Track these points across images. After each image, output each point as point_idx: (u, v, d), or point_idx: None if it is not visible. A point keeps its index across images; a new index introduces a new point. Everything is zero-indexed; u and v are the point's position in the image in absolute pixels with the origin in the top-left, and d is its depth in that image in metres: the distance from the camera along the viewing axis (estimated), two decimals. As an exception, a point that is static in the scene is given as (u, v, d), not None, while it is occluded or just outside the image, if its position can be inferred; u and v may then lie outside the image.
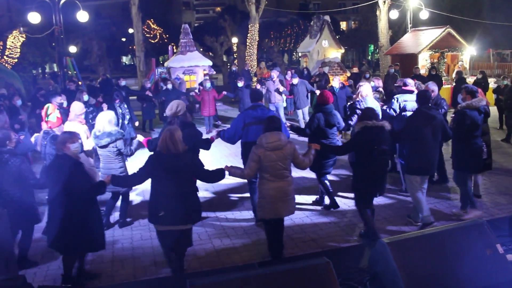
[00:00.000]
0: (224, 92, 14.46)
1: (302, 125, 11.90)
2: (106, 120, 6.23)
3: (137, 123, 12.08)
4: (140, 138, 6.36)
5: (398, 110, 7.43)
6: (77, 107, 7.02)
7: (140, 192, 8.03)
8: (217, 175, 4.99)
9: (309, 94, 14.06)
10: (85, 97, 9.89)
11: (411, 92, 7.56)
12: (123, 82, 14.98)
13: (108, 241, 5.62)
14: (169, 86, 14.03)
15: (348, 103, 10.08)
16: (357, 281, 3.50)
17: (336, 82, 11.83)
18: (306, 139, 7.06)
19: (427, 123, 5.85)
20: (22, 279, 3.18)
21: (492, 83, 16.74)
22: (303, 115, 13.47)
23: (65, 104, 9.18)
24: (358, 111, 7.12)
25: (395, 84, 8.91)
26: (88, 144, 6.55)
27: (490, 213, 6.68)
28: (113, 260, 5.61)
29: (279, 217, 5.22)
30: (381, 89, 9.53)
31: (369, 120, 5.49)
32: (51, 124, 6.82)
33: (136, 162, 7.96)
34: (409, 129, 5.93)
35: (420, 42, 19.35)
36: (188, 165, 4.68)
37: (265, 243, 5.51)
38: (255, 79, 23.01)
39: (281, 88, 13.35)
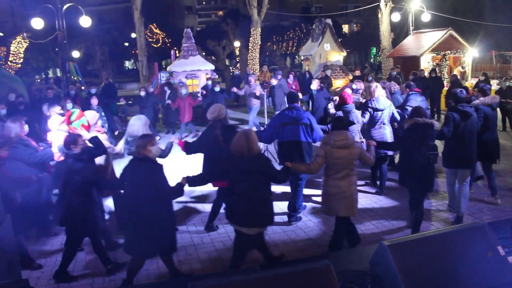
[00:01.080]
0: (200, 98, 14.11)
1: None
2: (141, 124, 6.23)
3: (116, 132, 11.97)
4: (175, 141, 6.35)
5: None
6: (90, 116, 6.72)
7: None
8: (285, 174, 5.06)
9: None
10: (69, 105, 9.57)
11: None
12: (93, 90, 14.21)
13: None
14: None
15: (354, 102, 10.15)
16: (358, 284, 3.49)
17: (314, 84, 12.01)
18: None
19: (465, 120, 6.28)
20: (25, 283, 3.20)
21: (494, 85, 16.72)
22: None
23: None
24: (370, 110, 7.60)
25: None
26: (118, 149, 6.60)
27: (493, 215, 6.67)
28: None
29: (339, 215, 5.30)
30: (362, 91, 9.71)
31: (420, 117, 5.72)
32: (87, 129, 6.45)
33: (170, 164, 7.65)
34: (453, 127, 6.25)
35: (422, 44, 19.38)
36: (262, 166, 4.73)
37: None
38: (258, 82, 23.03)
39: (258, 92, 13.38)
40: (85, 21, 17.90)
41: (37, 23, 17.04)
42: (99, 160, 6.08)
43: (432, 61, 18.61)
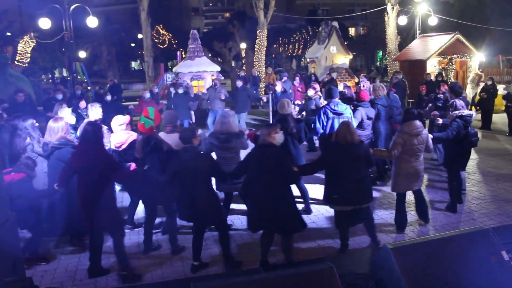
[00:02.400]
0: (164, 102, 13.80)
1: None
2: (233, 120, 6.42)
3: None
4: (246, 132, 6.62)
5: None
6: (115, 120, 6.64)
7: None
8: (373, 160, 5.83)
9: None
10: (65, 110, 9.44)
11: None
12: (59, 96, 13.16)
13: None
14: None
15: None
16: (361, 286, 3.49)
17: (278, 87, 12.65)
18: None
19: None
20: (29, 281, 3.22)
21: (501, 89, 16.66)
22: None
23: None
24: (380, 106, 8.41)
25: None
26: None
27: (497, 220, 6.63)
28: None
29: (411, 190, 6.29)
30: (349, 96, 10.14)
31: (464, 110, 6.88)
32: (142, 128, 6.12)
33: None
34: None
35: (429, 48, 19.30)
36: (364, 153, 5.41)
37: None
38: (262, 84, 23.04)
39: (223, 96, 13.44)
40: (92, 22, 17.98)
41: (45, 23, 17.14)
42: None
43: (439, 65, 18.53)
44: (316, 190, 7.89)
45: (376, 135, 8.47)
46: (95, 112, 7.45)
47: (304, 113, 10.45)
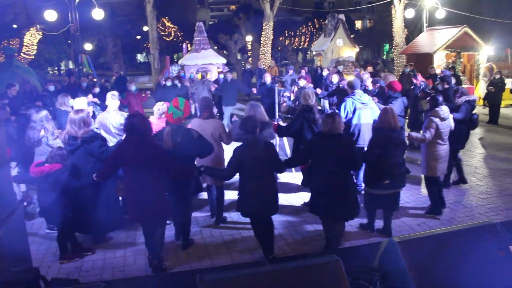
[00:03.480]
0: (148, 93, 13.72)
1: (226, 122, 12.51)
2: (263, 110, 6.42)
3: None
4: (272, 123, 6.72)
5: None
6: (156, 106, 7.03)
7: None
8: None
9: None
10: (71, 101, 8.44)
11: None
12: (51, 87, 13.46)
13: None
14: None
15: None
16: (367, 280, 3.48)
17: (268, 78, 12.69)
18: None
19: None
20: (35, 271, 3.22)
21: (509, 83, 16.50)
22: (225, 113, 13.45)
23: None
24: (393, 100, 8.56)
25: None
26: None
27: (505, 215, 6.60)
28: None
29: (444, 172, 6.89)
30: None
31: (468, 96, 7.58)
32: (170, 118, 5.91)
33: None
34: None
35: (436, 41, 19.15)
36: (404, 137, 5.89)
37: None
38: (268, 76, 22.94)
39: (213, 88, 13.49)
40: (98, 14, 17.95)
41: (51, 15, 17.14)
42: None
43: (446, 58, 18.39)
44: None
45: None
46: (115, 102, 7.02)
47: (297, 102, 10.60)
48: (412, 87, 10.81)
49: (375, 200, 5.89)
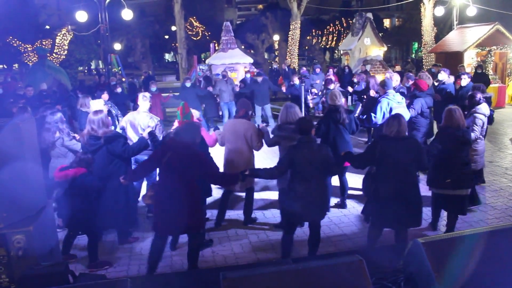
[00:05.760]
0: (170, 95, 13.46)
1: (259, 121, 12.88)
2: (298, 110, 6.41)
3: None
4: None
5: None
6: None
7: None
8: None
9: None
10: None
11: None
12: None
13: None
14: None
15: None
16: (390, 281, 3.44)
17: (296, 79, 13.18)
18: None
19: None
20: (65, 265, 3.31)
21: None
22: (264, 111, 13.66)
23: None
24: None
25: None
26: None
27: (536, 217, 6.44)
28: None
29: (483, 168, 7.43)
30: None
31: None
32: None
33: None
34: None
35: (466, 39, 18.75)
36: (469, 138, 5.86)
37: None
38: (296, 77, 22.90)
39: (237, 88, 13.58)
40: (127, 14, 18.26)
41: (81, 16, 17.53)
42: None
43: (477, 57, 17.99)
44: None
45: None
46: (146, 103, 6.89)
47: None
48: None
49: (439, 200, 5.89)
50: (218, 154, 6.51)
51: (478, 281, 3.31)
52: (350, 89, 12.75)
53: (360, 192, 7.21)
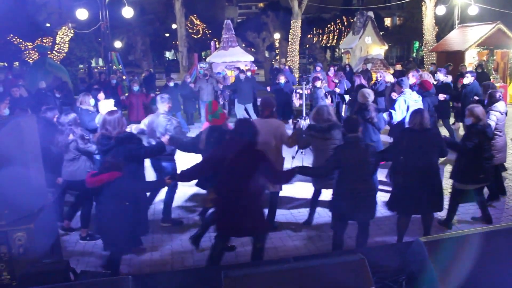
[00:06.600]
0: (152, 95, 12.48)
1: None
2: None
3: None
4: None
5: None
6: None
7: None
8: None
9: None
10: (91, 101, 8.40)
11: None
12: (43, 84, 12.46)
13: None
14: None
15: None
16: (392, 280, 3.44)
17: (282, 78, 13.16)
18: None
19: None
20: (66, 263, 3.31)
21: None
22: (247, 110, 13.51)
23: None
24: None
25: None
26: None
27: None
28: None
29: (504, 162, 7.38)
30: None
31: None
32: (215, 122, 5.83)
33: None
34: None
35: (468, 38, 18.72)
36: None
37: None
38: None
39: (220, 86, 13.78)
40: (128, 12, 18.25)
41: (82, 14, 17.53)
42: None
43: (478, 56, 17.96)
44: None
45: None
46: (163, 105, 6.58)
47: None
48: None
49: (460, 195, 6.07)
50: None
51: (479, 280, 3.30)
52: (337, 89, 12.67)
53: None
